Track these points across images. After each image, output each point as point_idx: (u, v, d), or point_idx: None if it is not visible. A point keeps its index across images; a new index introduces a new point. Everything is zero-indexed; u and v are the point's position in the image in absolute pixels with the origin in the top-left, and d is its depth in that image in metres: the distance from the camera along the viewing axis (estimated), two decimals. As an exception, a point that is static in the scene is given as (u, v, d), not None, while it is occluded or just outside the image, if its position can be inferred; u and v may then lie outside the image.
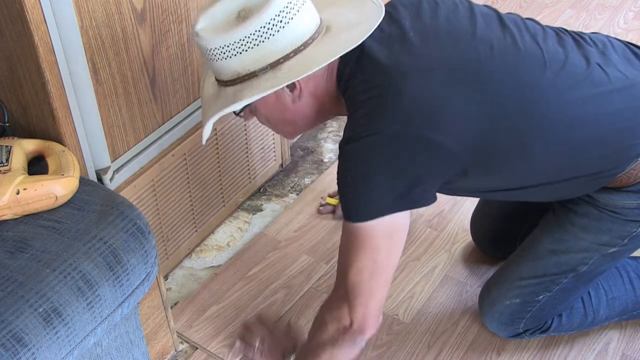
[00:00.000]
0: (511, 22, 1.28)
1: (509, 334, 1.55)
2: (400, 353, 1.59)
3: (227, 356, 1.60)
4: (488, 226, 1.74)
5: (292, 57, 1.19)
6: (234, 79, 1.22)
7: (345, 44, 1.19)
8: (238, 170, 1.90)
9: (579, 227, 1.39)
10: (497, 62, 1.21)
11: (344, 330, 1.27)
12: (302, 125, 1.34)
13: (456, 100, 1.17)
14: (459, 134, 1.17)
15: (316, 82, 1.25)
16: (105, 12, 1.30)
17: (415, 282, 1.74)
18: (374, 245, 1.21)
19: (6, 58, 1.24)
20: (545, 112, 1.22)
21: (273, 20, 1.16)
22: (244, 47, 1.17)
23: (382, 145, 1.16)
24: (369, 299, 1.24)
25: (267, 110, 1.29)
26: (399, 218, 1.20)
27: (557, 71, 1.23)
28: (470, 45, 1.22)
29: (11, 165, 1.22)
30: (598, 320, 1.55)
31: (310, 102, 1.28)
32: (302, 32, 1.19)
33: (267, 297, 1.72)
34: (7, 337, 1.03)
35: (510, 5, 2.77)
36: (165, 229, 1.71)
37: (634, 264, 1.57)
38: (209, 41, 1.19)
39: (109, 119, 1.41)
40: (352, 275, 1.23)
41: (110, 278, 1.17)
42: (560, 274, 1.43)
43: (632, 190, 1.31)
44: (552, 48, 1.26)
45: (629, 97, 1.25)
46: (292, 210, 1.96)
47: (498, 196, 1.48)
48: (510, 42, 1.24)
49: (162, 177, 1.62)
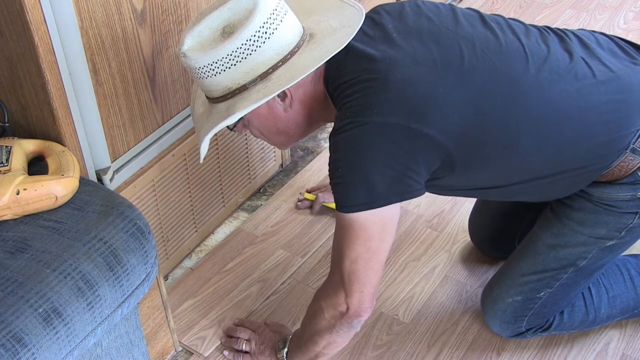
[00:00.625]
0: (493, 21, 1.31)
1: (511, 333, 1.55)
2: (400, 353, 1.59)
3: (200, 348, 1.61)
4: (486, 226, 1.74)
5: (280, 67, 1.22)
6: (225, 94, 1.24)
7: (331, 48, 1.22)
8: (238, 171, 1.90)
9: (575, 221, 1.40)
10: (479, 57, 1.23)
11: (340, 315, 1.31)
12: (294, 134, 1.36)
13: (441, 93, 1.20)
14: (444, 124, 1.20)
15: (305, 88, 1.28)
16: (105, 13, 1.30)
17: (415, 282, 1.74)
18: (368, 235, 1.24)
19: (6, 58, 1.24)
20: (529, 106, 1.24)
21: (258, 33, 1.18)
22: (232, 61, 1.20)
23: (369, 136, 1.19)
24: (364, 285, 1.28)
25: (259, 121, 1.31)
26: (391, 208, 1.23)
27: (540, 66, 1.25)
28: (452, 42, 1.25)
29: (11, 166, 1.22)
30: (600, 319, 1.55)
31: (301, 110, 1.31)
32: (287, 41, 1.22)
33: (242, 290, 1.73)
34: (7, 337, 1.03)
35: (510, 5, 2.77)
36: (165, 229, 1.71)
37: (634, 261, 1.57)
38: (197, 60, 1.21)
39: (109, 119, 1.41)
40: (347, 264, 1.26)
41: (110, 278, 1.17)
42: (560, 269, 1.44)
43: (625, 182, 1.32)
44: (534, 44, 1.28)
45: (614, 89, 1.27)
46: (270, 207, 1.97)
47: (489, 195, 1.48)
48: (492, 38, 1.27)
49: (162, 177, 1.62)
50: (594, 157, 1.29)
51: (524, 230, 1.60)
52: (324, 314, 1.33)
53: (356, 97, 1.21)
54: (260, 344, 1.55)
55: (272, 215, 1.94)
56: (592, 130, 1.27)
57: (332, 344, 1.37)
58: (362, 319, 1.31)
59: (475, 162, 1.28)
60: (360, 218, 1.22)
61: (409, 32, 1.26)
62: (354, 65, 1.23)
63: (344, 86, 1.23)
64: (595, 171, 1.31)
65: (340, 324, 1.32)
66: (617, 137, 1.28)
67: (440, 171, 1.27)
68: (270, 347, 1.53)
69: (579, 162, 1.30)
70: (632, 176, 1.31)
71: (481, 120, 1.22)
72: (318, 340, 1.37)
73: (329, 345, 1.37)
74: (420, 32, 1.26)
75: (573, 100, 1.25)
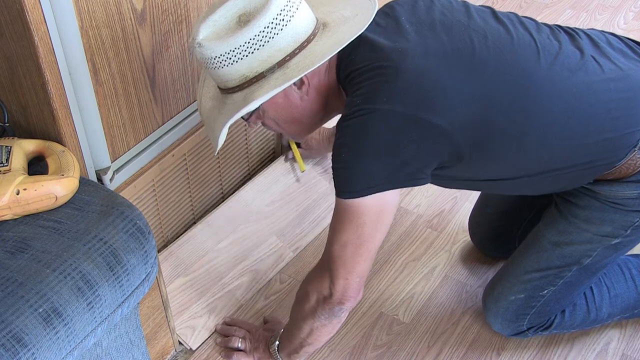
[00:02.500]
0: (505, 17, 1.32)
1: (512, 332, 1.55)
2: (400, 353, 1.59)
3: (189, 338, 1.62)
4: (486, 225, 1.74)
5: (297, 54, 1.21)
6: (242, 83, 1.23)
7: (347, 34, 1.22)
8: (238, 171, 1.90)
9: (581, 219, 1.40)
10: (490, 50, 1.24)
11: (323, 300, 1.31)
12: (309, 122, 1.36)
13: (451, 84, 1.20)
14: (453, 115, 1.20)
15: (320, 77, 1.28)
16: (105, 13, 1.30)
17: (415, 282, 1.74)
18: (361, 222, 1.23)
19: (6, 58, 1.24)
20: (539, 99, 1.24)
21: (275, 20, 1.18)
22: (250, 49, 1.19)
23: (376, 123, 1.19)
24: (349, 273, 1.28)
25: (275, 110, 1.31)
26: (389, 196, 1.23)
27: (551, 61, 1.26)
28: (464, 34, 1.25)
29: (11, 166, 1.22)
30: (601, 318, 1.55)
31: (317, 98, 1.30)
32: (304, 29, 1.22)
33: (234, 277, 1.72)
34: (7, 337, 1.03)
35: (510, 5, 2.77)
36: (165, 229, 1.71)
37: (635, 261, 1.58)
38: (214, 49, 1.20)
39: (109, 119, 1.41)
40: (336, 248, 1.27)
41: (110, 278, 1.17)
42: (564, 267, 1.44)
43: (632, 180, 1.33)
44: (546, 39, 1.29)
45: (623, 87, 1.28)
46: (269, 177, 1.93)
47: (495, 188, 1.48)
48: (503, 32, 1.27)
49: (162, 177, 1.62)
50: (602, 152, 1.30)
51: (525, 229, 1.60)
52: (309, 298, 1.34)
53: (366, 84, 1.21)
54: (254, 341, 1.56)
55: (270, 189, 1.90)
56: (601, 125, 1.27)
57: (315, 332, 1.37)
58: (345, 307, 1.31)
59: (484, 154, 1.28)
60: (355, 204, 1.22)
61: (421, 24, 1.27)
62: (365, 53, 1.23)
63: (355, 74, 1.23)
64: (603, 167, 1.31)
65: (322, 309, 1.32)
66: (625, 134, 1.28)
67: (447, 161, 1.27)
68: (264, 343, 1.54)
69: (587, 157, 1.30)
70: (639, 174, 1.32)
71: (490, 112, 1.23)
72: (302, 326, 1.38)
73: (312, 334, 1.38)
74: (433, 23, 1.27)
75: (583, 96, 1.26)
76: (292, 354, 1.47)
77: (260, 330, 1.59)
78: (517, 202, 1.62)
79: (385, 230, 1.28)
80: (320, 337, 1.39)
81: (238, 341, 1.58)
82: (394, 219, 1.88)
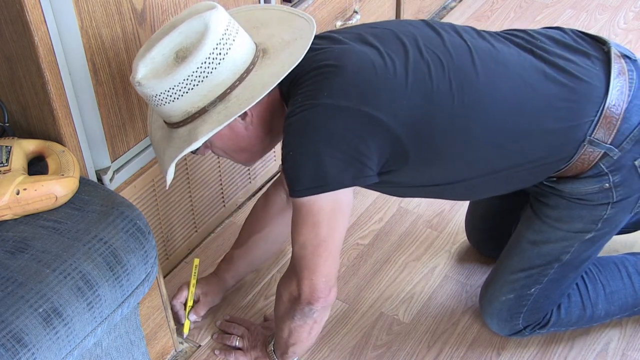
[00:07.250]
0: (438, 25, 1.35)
1: (510, 331, 1.56)
2: (400, 353, 1.59)
3: (194, 338, 1.62)
4: (480, 227, 1.75)
5: (237, 86, 1.22)
6: (185, 119, 1.24)
7: (287, 63, 1.23)
8: (238, 171, 1.90)
9: (553, 218, 1.42)
10: (422, 51, 1.27)
11: (294, 301, 1.32)
12: (257, 150, 1.37)
13: (391, 78, 1.23)
14: (394, 109, 1.22)
15: (262, 101, 1.27)
16: (105, 13, 1.30)
17: (415, 282, 1.74)
18: (316, 221, 1.23)
19: (6, 58, 1.24)
20: (478, 96, 1.26)
21: (212, 54, 1.19)
22: (189, 85, 1.20)
23: (318, 117, 1.20)
24: (313, 273, 1.28)
25: (222, 141, 1.31)
26: (341, 194, 1.23)
27: (485, 59, 1.28)
28: (394, 38, 1.29)
29: (11, 166, 1.22)
30: (598, 316, 1.55)
31: (262, 125, 1.31)
32: (242, 60, 1.23)
33: None
34: (7, 337, 1.03)
35: (510, 5, 2.77)
36: (165, 229, 1.71)
37: (632, 259, 1.58)
38: (153, 88, 1.20)
39: (109, 119, 1.41)
40: (297, 249, 1.28)
41: (110, 278, 1.17)
42: (545, 265, 1.46)
43: (590, 175, 1.34)
44: (479, 41, 1.32)
45: (564, 80, 1.30)
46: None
47: (449, 193, 1.48)
48: (434, 36, 1.31)
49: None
50: (551, 148, 1.31)
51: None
52: (282, 299, 1.35)
53: (308, 83, 1.22)
54: (252, 340, 1.56)
55: None
56: (544, 119, 1.29)
57: (294, 333, 1.37)
58: (315, 308, 1.31)
59: (429, 154, 1.29)
60: (309, 202, 1.22)
61: (352, 36, 1.30)
62: (306, 63, 1.24)
63: (297, 80, 1.25)
64: (554, 164, 1.33)
65: (294, 309, 1.33)
66: (570, 127, 1.30)
67: (393, 162, 1.27)
68: (261, 342, 1.54)
69: (537, 154, 1.32)
70: (595, 168, 1.33)
71: (430, 107, 1.24)
72: (282, 327, 1.39)
73: (292, 335, 1.38)
74: (362, 36, 1.30)
75: (522, 91, 1.28)
76: (283, 354, 1.47)
77: (259, 329, 1.59)
78: (506, 202, 1.62)
79: (344, 228, 1.27)
80: (301, 337, 1.39)
81: (236, 339, 1.58)
82: (393, 219, 1.89)
